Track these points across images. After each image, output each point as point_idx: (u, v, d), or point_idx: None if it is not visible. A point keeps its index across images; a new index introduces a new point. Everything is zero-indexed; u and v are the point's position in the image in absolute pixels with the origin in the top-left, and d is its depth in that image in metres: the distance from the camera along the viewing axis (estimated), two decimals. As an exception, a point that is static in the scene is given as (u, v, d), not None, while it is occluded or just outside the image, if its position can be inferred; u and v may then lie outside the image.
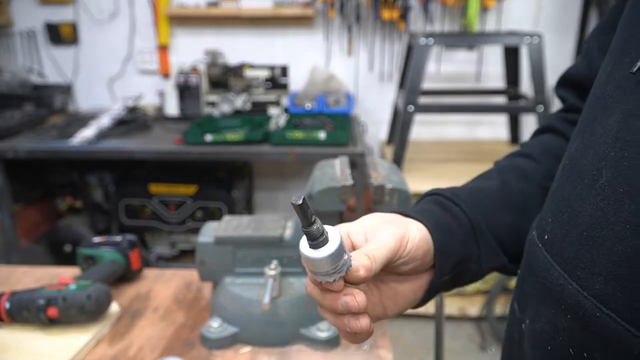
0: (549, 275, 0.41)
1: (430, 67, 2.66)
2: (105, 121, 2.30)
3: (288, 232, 0.84)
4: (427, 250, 0.48)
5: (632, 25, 0.42)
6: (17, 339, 0.79)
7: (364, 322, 0.42)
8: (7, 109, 2.44)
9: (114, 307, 0.87)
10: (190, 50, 2.70)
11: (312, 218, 0.39)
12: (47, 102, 2.59)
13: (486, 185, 0.57)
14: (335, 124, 2.28)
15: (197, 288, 0.96)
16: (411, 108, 2.13)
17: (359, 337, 0.45)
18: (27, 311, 0.79)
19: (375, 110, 2.78)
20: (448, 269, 0.50)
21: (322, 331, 0.79)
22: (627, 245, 0.34)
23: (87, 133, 2.17)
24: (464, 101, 2.57)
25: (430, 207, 0.53)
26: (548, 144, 0.61)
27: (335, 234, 0.41)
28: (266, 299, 0.75)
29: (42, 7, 2.73)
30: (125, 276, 0.97)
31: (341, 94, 2.57)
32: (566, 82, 0.62)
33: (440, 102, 2.46)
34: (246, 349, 0.79)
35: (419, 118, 2.29)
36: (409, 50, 2.36)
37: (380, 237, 0.45)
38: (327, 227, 0.41)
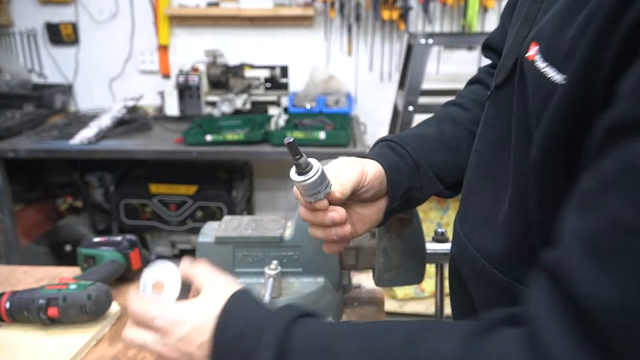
0: (459, 236, 0.63)
1: (430, 67, 2.66)
2: (105, 121, 2.30)
3: (288, 232, 0.84)
4: (382, 181, 0.63)
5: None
6: (18, 339, 0.79)
7: (346, 229, 0.59)
8: (8, 109, 2.44)
9: (114, 307, 0.87)
10: (190, 50, 2.70)
11: (300, 153, 0.53)
12: (48, 102, 2.59)
13: (426, 132, 0.73)
14: (335, 124, 2.28)
15: (197, 288, 0.96)
16: (411, 108, 2.14)
17: (341, 245, 0.62)
18: (27, 311, 0.79)
19: (375, 110, 2.78)
20: (398, 196, 0.65)
21: (322, 331, 0.79)
22: (487, 206, 0.57)
23: (87, 133, 2.17)
24: (463, 101, 2.57)
25: (383, 150, 0.68)
26: (476, 94, 0.78)
27: (316, 164, 0.55)
28: (266, 299, 0.75)
29: (42, 7, 2.73)
30: (126, 276, 0.97)
31: (341, 94, 2.57)
32: (488, 47, 0.77)
33: (440, 102, 2.46)
34: (246, 349, 0.79)
35: (419, 118, 2.29)
36: (409, 50, 2.36)
37: (346, 172, 0.60)
38: (310, 160, 0.55)
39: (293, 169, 0.55)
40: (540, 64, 0.44)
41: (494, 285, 0.54)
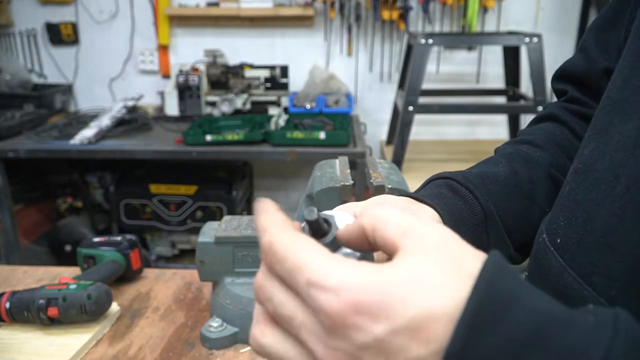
0: (562, 279, 0.41)
1: (430, 67, 2.66)
2: (105, 121, 2.30)
3: (288, 232, 0.84)
4: None
5: None
6: (18, 339, 0.79)
7: None
8: (8, 109, 2.44)
9: (114, 307, 0.87)
10: (190, 50, 2.71)
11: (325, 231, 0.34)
12: (48, 102, 2.59)
13: (495, 171, 0.55)
14: (335, 124, 2.28)
15: (197, 288, 0.96)
16: (411, 108, 2.14)
17: None
18: (27, 311, 0.79)
19: (375, 110, 2.79)
20: None
21: (322, 331, 0.79)
22: None
23: (87, 133, 2.17)
24: (463, 101, 2.57)
25: (443, 192, 0.51)
26: (551, 132, 0.60)
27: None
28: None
29: (42, 7, 2.74)
30: (125, 276, 0.97)
31: (341, 94, 2.57)
32: (563, 76, 0.62)
33: (440, 102, 2.47)
34: (246, 349, 0.79)
35: (419, 118, 2.29)
36: (409, 50, 2.36)
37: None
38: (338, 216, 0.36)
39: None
40: None
41: None
